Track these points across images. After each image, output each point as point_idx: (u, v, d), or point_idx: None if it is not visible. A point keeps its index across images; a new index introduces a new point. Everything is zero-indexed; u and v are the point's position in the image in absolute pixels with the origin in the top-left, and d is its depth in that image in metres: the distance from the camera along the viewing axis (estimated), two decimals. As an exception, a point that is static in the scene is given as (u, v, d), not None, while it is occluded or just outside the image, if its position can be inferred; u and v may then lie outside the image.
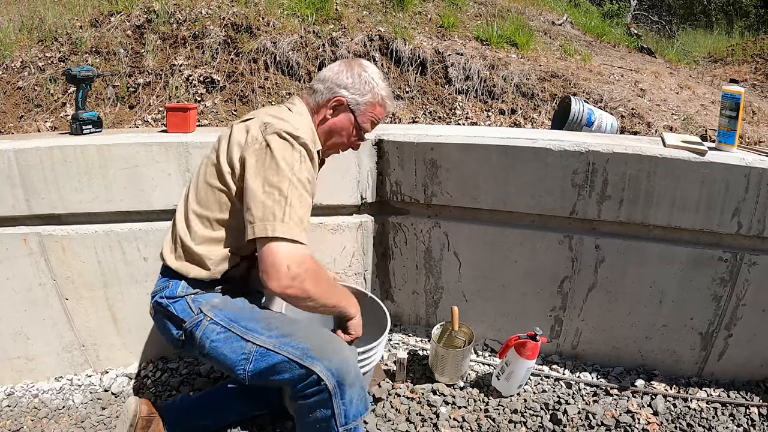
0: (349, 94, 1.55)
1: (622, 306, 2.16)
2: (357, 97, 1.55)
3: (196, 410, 1.85)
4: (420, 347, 2.39)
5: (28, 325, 2.14)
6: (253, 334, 1.43)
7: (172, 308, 1.50)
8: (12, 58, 2.93)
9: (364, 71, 1.57)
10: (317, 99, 1.57)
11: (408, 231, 2.33)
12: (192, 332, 1.47)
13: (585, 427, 1.96)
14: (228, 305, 1.51)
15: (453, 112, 3.06)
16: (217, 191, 1.48)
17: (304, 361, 1.38)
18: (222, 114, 2.83)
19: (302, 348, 1.40)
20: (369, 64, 1.61)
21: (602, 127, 2.65)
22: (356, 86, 1.55)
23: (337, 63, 1.61)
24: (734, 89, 1.92)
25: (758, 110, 3.50)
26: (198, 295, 1.51)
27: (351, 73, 1.55)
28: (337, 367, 1.39)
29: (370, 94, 1.57)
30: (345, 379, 1.40)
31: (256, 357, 1.41)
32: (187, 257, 1.51)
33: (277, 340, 1.42)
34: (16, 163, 1.94)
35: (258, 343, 1.42)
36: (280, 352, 1.39)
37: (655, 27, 8.37)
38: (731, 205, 1.91)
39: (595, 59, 3.94)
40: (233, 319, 1.46)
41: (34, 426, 2.01)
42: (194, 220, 1.51)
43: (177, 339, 1.50)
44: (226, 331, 1.44)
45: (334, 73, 1.56)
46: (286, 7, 3.26)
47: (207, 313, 1.47)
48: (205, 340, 1.45)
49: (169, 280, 1.53)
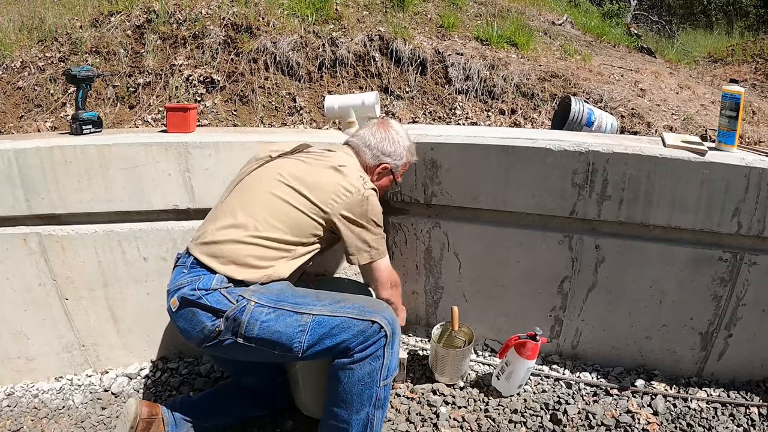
0: (391, 161, 1.87)
1: (622, 306, 2.16)
2: (397, 162, 1.89)
3: (197, 411, 1.84)
4: (420, 347, 2.39)
5: (28, 325, 2.14)
6: (306, 307, 1.54)
7: (205, 300, 1.50)
8: (12, 58, 2.93)
9: (399, 135, 1.89)
10: (365, 160, 1.85)
11: (408, 231, 2.33)
12: (236, 318, 1.48)
13: (585, 427, 1.96)
14: (268, 289, 1.57)
15: (453, 112, 3.06)
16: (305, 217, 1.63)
17: (364, 315, 1.54)
18: (222, 114, 2.83)
19: (358, 306, 1.57)
20: (398, 126, 1.93)
21: (602, 127, 2.65)
22: (396, 153, 1.88)
23: (375, 128, 1.88)
24: (734, 89, 1.91)
25: (758, 110, 3.50)
26: (232, 288, 1.54)
27: (391, 141, 1.87)
28: (392, 317, 1.60)
29: (405, 157, 1.91)
30: (396, 328, 1.60)
31: (313, 326, 1.51)
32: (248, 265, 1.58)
33: (332, 306, 1.55)
34: (16, 163, 1.94)
35: (314, 313, 1.53)
36: (338, 314, 1.53)
37: (655, 27, 8.37)
38: (731, 205, 1.91)
39: (595, 59, 3.94)
40: (279, 299, 1.54)
41: (34, 426, 2.01)
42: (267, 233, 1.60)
43: (212, 330, 1.50)
44: (275, 310, 1.51)
45: (377, 140, 1.85)
46: (286, 7, 3.26)
47: (250, 298, 1.51)
48: (254, 322, 1.48)
49: (200, 273, 1.55)
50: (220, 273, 1.55)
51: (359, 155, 1.85)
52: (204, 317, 1.51)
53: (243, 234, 1.58)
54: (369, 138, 1.86)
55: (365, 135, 1.88)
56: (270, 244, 1.60)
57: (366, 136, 1.87)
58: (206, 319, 1.51)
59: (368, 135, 1.87)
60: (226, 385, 1.96)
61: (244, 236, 1.58)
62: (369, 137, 1.86)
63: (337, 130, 2.47)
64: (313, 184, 1.65)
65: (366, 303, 1.61)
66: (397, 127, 1.92)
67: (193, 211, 2.13)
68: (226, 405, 1.87)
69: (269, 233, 1.59)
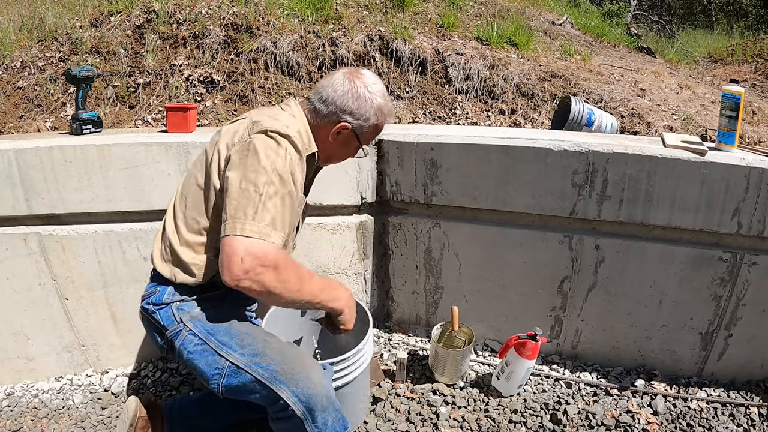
0: (353, 120, 1.48)
1: (622, 306, 2.16)
2: (362, 122, 1.49)
3: (196, 411, 1.85)
4: (420, 347, 2.39)
5: (28, 325, 2.14)
6: (227, 350, 1.40)
7: (157, 315, 1.48)
8: (12, 58, 2.93)
9: (367, 90, 1.48)
10: (318, 120, 1.50)
11: (408, 231, 2.33)
12: (172, 341, 1.45)
13: (585, 427, 1.96)
14: (209, 316, 1.47)
15: (453, 112, 3.06)
16: (204, 193, 1.44)
17: (272, 385, 1.36)
18: (222, 114, 2.83)
19: (271, 370, 1.38)
20: (371, 78, 1.51)
21: (602, 127, 2.65)
22: (361, 110, 1.47)
23: (340, 78, 1.49)
24: (734, 89, 1.92)
25: (758, 110, 3.50)
26: (183, 303, 1.48)
27: (356, 96, 1.46)
28: (306, 393, 1.38)
29: (375, 117, 1.50)
30: (315, 405, 1.39)
31: (229, 373, 1.39)
32: (175, 261, 1.48)
33: (248, 358, 1.39)
34: (16, 163, 1.94)
35: (231, 360, 1.39)
36: (250, 371, 1.37)
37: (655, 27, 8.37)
38: (731, 205, 1.91)
39: (595, 59, 3.94)
40: (210, 332, 1.43)
41: (34, 426, 2.01)
42: (181, 223, 1.48)
43: (161, 345, 1.50)
44: (202, 344, 1.42)
45: (337, 95, 1.46)
46: (286, 7, 3.26)
47: (187, 324, 1.44)
48: (183, 350, 1.43)
49: (157, 286, 1.51)
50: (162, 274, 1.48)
51: (314, 115, 1.49)
52: (155, 332, 1.51)
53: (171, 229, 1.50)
54: (328, 90, 1.48)
55: (324, 86, 1.49)
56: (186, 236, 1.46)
57: (325, 88, 1.49)
58: (156, 335, 1.51)
59: (327, 86, 1.48)
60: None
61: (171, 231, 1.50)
62: (328, 89, 1.48)
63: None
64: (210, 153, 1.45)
65: (282, 366, 1.38)
66: (369, 79, 1.50)
67: (193, 211, 2.12)
68: (225, 406, 1.87)
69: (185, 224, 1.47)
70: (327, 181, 2.05)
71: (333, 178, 2.11)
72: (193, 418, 1.82)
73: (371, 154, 2.21)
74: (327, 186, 2.10)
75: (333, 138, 1.50)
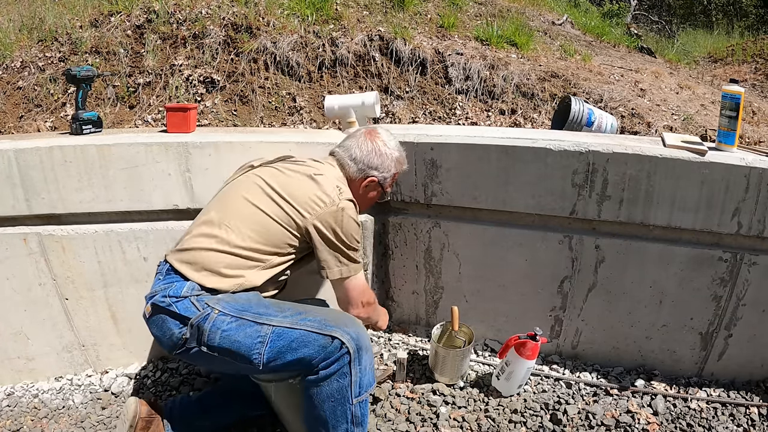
0: (379, 174, 1.82)
1: (622, 306, 2.16)
2: (385, 174, 1.83)
3: (197, 411, 1.85)
4: (420, 347, 2.39)
5: (28, 325, 2.14)
6: (267, 317, 1.50)
7: (174, 307, 1.50)
8: (12, 58, 2.93)
9: (387, 147, 1.83)
10: (349, 173, 1.80)
11: (408, 231, 2.33)
12: (200, 326, 1.47)
13: (585, 427, 1.96)
14: (235, 298, 1.54)
15: (453, 112, 3.06)
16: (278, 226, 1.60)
17: (324, 330, 1.48)
18: (222, 114, 2.83)
19: (319, 320, 1.51)
20: (387, 136, 1.86)
21: (602, 127, 2.65)
22: (384, 165, 1.82)
23: (362, 139, 1.82)
24: (734, 89, 1.91)
25: (758, 110, 3.50)
26: (203, 296, 1.52)
27: (378, 153, 1.80)
28: (356, 333, 1.53)
29: (394, 168, 1.85)
30: (362, 343, 1.53)
31: (273, 338, 1.47)
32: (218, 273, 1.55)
33: (292, 318, 1.51)
34: (16, 163, 1.94)
35: (274, 324, 1.48)
36: (298, 327, 1.48)
37: (655, 27, 8.37)
38: (731, 205, 1.91)
39: (595, 59, 3.94)
40: (243, 309, 1.51)
41: (34, 426, 2.01)
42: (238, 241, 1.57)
43: (179, 338, 1.50)
44: (237, 320, 1.48)
45: (364, 153, 1.79)
46: (286, 7, 3.26)
47: (214, 306, 1.49)
48: (215, 330, 1.46)
49: (174, 280, 1.55)
50: (192, 280, 1.54)
51: (344, 168, 1.80)
52: (172, 324, 1.51)
53: (216, 242, 1.58)
54: (355, 150, 1.80)
55: (351, 146, 1.81)
56: (242, 253, 1.57)
57: (352, 148, 1.81)
58: (174, 326, 1.51)
59: (354, 147, 1.81)
60: (225, 385, 1.96)
61: (217, 244, 1.57)
62: (355, 149, 1.80)
63: (337, 130, 2.47)
64: (288, 193, 1.63)
65: (329, 317, 1.55)
66: (385, 137, 1.85)
67: (193, 211, 2.12)
68: (225, 405, 1.87)
69: (241, 242, 1.57)
70: (327, 181, 2.05)
71: (333, 178, 2.11)
72: (193, 418, 1.82)
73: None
74: (327, 186, 2.10)
75: (363, 190, 1.83)
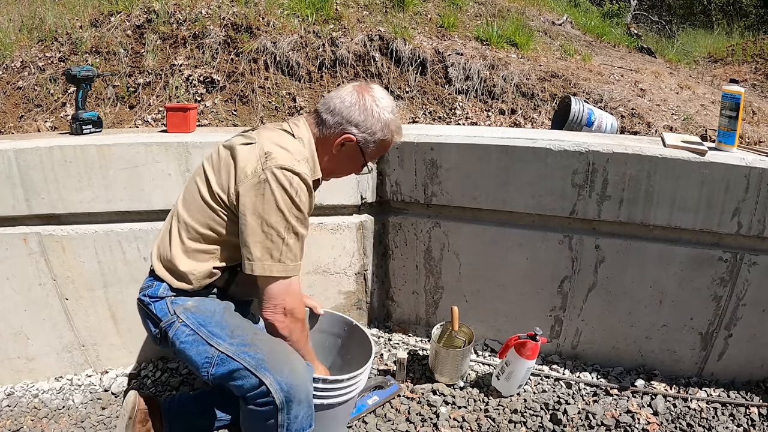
0: (359, 133, 1.49)
1: (622, 306, 2.16)
2: (367, 136, 1.50)
3: (195, 409, 1.85)
4: (420, 347, 2.39)
5: (28, 325, 2.14)
6: (217, 340, 1.47)
7: (152, 307, 1.55)
8: (12, 58, 2.92)
9: (376, 104, 1.49)
10: (324, 131, 1.51)
11: (408, 231, 2.33)
12: (166, 332, 1.52)
13: (585, 427, 1.96)
14: (201, 308, 1.54)
15: (453, 112, 3.06)
16: (209, 209, 1.49)
17: (258, 372, 1.41)
18: (222, 114, 2.83)
19: (258, 358, 1.43)
20: (381, 93, 1.52)
21: (602, 127, 2.65)
22: (367, 123, 1.48)
23: (348, 90, 1.50)
24: (734, 89, 1.92)
25: (758, 110, 3.50)
26: (177, 298, 1.55)
27: (363, 108, 1.47)
28: (288, 383, 1.42)
29: (381, 132, 1.50)
30: (294, 396, 1.43)
31: (217, 362, 1.45)
32: (172, 268, 1.54)
33: (237, 348, 1.46)
34: (16, 163, 1.94)
35: (220, 349, 1.46)
36: (237, 359, 1.44)
37: (655, 27, 8.37)
38: (731, 205, 1.91)
39: (595, 59, 3.94)
40: (202, 323, 1.50)
41: (34, 426, 2.01)
42: (183, 230, 1.54)
43: (155, 336, 1.57)
44: (194, 334, 1.49)
45: (345, 105, 1.48)
46: (286, 7, 3.26)
47: (180, 315, 1.51)
48: (175, 340, 1.50)
49: (154, 281, 1.58)
50: (162, 278, 1.55)
51: (320, 125, 1.51)
52: (150, 323, 1.58)
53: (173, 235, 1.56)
54: (335, 101, 1.49)
55: (333, 97, 1.51)
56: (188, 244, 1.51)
57: (333, 99, 1.50)
58: (151, 324, 1.57)
59: (336, 98, 1.50)
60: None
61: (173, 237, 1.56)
62: (335, 100, 1.49)
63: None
64: (217, 170, 1.48)
65: (269, 357, 1.43)
66: (378, 93, 1.51)
67: (193, 211, 2.12)
68: (224, 404, 1.87)
69: (186, 232, 1.52)
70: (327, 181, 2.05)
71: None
72: (192, 417, 1.83)
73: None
74: (327, 186, 2.08)
75: (337, 150, 1.52)
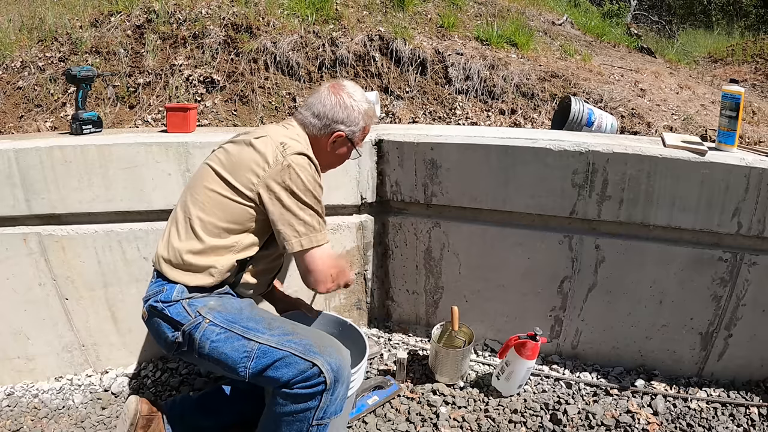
0: (346, 128, 1.68)
1: (622, 306, 2.16)
2: (353, 128, 1.70)
3: (197, 410, 1.85)
4: (420, 347, 2.39)
5: (28, 325, 2.14)
6: (254, 333, 1.51)
7: (167, 311, 1.52)
8: (12, 58, 2.92)
9: (353, 99, 1.68)
10: (314, 132, 1.68)
11: (408, 231, 2.33)
12: (191, 334, 1.49)
13: (585, 427, 1.96)
14: (226, 307, 1.54)
15: (453, 112, 3.06)
16: (231, 202, 1.54)
17: (307, 356, 1.48)
18: (222, 114, 2.83)
19: (305, 344, 1.51)
20: (352, 87, 1.72)
21: (602, 127, 2.65)
22: (351, 118, 1.68)
23: (326, 93, 1.68)
24: (734, 89, 1.92)
25: (758, 110, 3.50)
26: (194, 299, 1.53)
27: (343, 106, 1.67)
28: (338, 365, 1.51)
29: (362, 121, 1.71)
30: (341, 376, 1.52)
31: (258, 354, 1.48)
32: (190, 267, 1.54)
33: (279, 337, 1.51)
34: (16, 163, 1.94)
35: (260, 341, 1.49)
36: (283, 348, 1.49)
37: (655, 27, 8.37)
38: (731, 205, 1.91)
39: (595, 59, 3.94)
40: (233, 320, 1.52)
41: (34, 426, 2.01)
42: (200, 228, 1.55)
43: (173, 341, 1.53)
44: (226, 332, 1.50)
45: (327, 108, 1.66)
46: (286, 7, 3.26)
47: (206, 315, 1.50)
48: (205, 341, 1.49)
49: (164, 284, 1.56)
50: (174, 280, 1.55)
51: (306, 127, 1.68)
52: (165, 328, 1.54)
53: (183, 234, 1.57)
54: (317, 106, 1.66)
55: (313, 103, 1.68)
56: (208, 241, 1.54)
57: (314, 105, 1.67)
58: (167, 330, 1.54)
59: (316, 103, 1.67)
60: (226, 385, 1.96)
61: (184, 236, 1.56)
62: (317, 105, 1.67)
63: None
64: (232, 166, 1.56)
65: (315, 341, 1.53)
66: (351, 89, 1.71)
67: (193, 211, 2.12)
68: (226, 405, 1.87)
69: (203, 229, 1.55)
70: (327, 182, 2.04)
71: (333, 178, 2.11)
72: (194, 418, 1.82)
73: (371, 154, 2.22)
74: (327, 186, 2.09)
75: (330, 147, 1.71)
